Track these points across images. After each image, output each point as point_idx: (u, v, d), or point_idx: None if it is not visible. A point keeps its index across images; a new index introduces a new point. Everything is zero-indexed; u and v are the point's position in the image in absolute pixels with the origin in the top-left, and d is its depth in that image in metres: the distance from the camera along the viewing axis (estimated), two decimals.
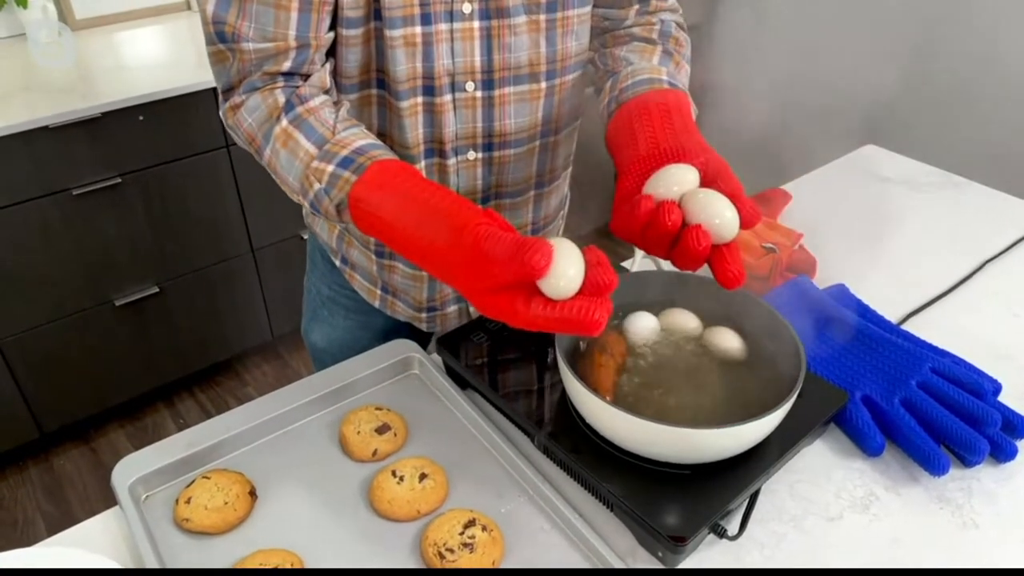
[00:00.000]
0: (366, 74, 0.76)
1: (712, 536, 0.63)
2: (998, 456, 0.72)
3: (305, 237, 1.39)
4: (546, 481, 0.68)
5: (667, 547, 0.61)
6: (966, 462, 0.72)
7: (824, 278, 0.97)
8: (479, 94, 0.79)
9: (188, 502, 0.65)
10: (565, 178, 0.98)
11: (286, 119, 0.69)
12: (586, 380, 0.64)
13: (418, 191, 0.61)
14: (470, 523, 0.63)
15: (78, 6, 2.00)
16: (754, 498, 0.66)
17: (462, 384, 0.79)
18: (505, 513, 0.67)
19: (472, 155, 0.83)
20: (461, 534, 0.62)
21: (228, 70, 0.71)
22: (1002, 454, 0.72)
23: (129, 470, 0.68)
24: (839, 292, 0.92)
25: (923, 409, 0.73)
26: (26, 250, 1.67)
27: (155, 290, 1.90)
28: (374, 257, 0.93)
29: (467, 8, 0.74)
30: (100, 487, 1.91)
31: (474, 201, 0.79)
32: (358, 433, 0.72)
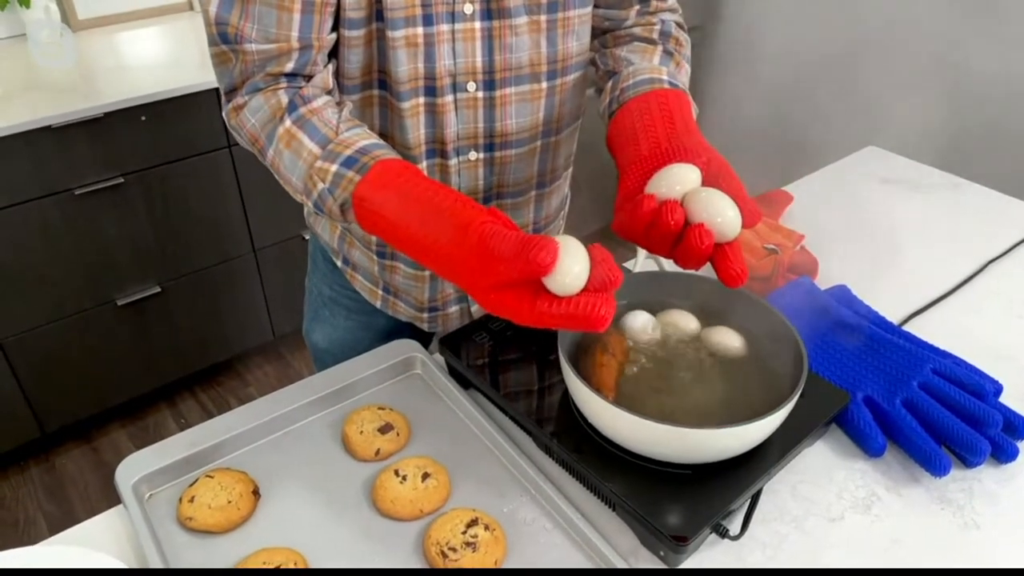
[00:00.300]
0: (368, 75, 0.77)
1: (714, 536, 0.63)
2: (999, 457, 0.72)
3: (307, 237, 1.40)
4: (548, 481, 0.68)
5: (669, 547, 0.61)
6: (967, 463, 0.72)
7: (826, 279, 0.97)
8: (480, 94, 0.79)
9: (192, 501, 0.65)
10: (566, 178, 0.98)
11: (289, 119, 0.69)
12: (588, 380, 0.64)
13: (422, 190, 0.61)
14: (472, 522, 0.63)
15: (80, 6, 2.00)
16: (756, 498, 0.66)
17: (464, 384, 0.79)
18: (507, 512, 0.67)
19: (473, 155, 0.83)
20: (463, 533, 0.62)
21: (231, 71, 0.71)
22: (1003, 455, 0.72)
23: (132, 469, 0.68)
24: (841, 293, 0.92)
25: (924, 410, 0.73)
26: (28, 250, 1.67)
27: (157, 290, 1.90)
28: (375, 257, 0.93)
29: (468, 9, 0.74)
30: (102, 487, 1.91)
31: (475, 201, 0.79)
32: (361, 433, 0.72)
